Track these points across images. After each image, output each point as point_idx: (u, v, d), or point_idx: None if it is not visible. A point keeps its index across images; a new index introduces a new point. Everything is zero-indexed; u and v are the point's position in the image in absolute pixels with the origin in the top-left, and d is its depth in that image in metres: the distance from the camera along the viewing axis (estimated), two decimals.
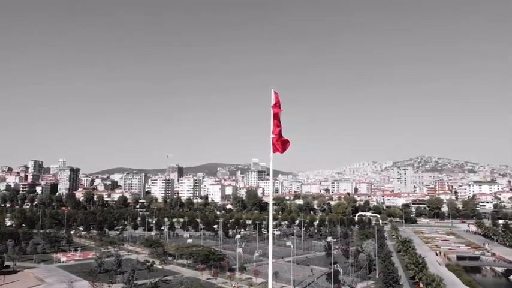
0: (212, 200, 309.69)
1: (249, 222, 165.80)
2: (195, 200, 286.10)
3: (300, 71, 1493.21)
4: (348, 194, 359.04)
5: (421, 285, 76.12)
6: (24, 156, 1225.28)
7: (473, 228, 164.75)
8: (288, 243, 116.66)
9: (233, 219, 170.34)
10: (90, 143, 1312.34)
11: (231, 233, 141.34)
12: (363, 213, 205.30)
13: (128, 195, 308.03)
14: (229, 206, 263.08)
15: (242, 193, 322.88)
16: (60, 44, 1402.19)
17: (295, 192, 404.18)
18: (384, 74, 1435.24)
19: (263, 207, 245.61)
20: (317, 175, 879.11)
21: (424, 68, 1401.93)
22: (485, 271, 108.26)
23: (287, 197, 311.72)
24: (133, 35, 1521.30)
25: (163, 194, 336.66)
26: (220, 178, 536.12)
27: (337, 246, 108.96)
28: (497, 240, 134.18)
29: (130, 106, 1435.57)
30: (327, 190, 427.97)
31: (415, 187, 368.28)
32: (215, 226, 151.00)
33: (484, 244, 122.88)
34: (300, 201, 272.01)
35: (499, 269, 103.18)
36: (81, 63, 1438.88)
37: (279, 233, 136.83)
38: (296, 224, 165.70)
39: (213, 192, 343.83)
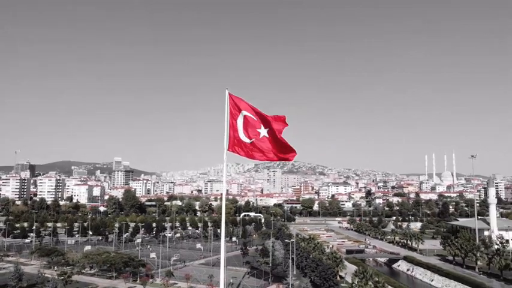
0: (78, 202, 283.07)
1: (132, 225, 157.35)
2: (61, 202, 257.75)
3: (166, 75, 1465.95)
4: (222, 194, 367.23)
5: (338, 277, 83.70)
6: None
7: (345, 224, 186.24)
8: (198, 245, 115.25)
9: (117, 223, 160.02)
10: None
11: (124, 237, 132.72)
12: (247, 213, 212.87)
13: None
14: (102, 208, 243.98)
15: (114, 194, 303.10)
16: None
17: (167, 193, 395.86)
18: (236, 78, 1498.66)
19: (143, 209, 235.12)
20: (182, 175, 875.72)
21: (271, 76, 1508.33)
22: (368, 262, 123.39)
23: (161, 198, 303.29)
24: None
25: (17, 196, 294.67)
26: (79, 178, 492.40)
27: (254, 247, 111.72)
28: (369, 235, 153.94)
29: None
30: (199, 191, 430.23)
31: (282, 188, 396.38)
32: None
33: (365, 239, 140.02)
34: (178, 202, 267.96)
35: (382, 260, 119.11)
36: None
37: (178, 235, 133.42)
38: (189, 225, 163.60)
39: (79, 193, 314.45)
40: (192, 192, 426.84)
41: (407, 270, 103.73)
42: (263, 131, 14.54)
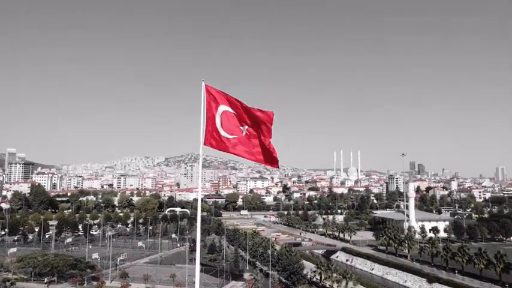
0: None
1: (53, 223, 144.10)
2: None
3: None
4: (137, 189, 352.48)
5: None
6: None
7: (273, 218, 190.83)
8: (140, 243, 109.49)
9: (31, 220, 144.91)
10: None
11: (47, 236, 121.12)
12: (172, 209, 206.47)
13: None
14: (5, 205, 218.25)
15: (15, 189, 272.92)
16: None
17: (76, 187, 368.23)
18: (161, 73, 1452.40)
19: (54, 205, 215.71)
20: (85, 169, 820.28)
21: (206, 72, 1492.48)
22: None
23: (69, 194, 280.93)
24: None
25: None
26: None
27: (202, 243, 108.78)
28: (299, 228, 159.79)
29: None
30: (110, 185, 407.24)
31: None
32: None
33: (300, 233, 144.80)
34: (92, 198, 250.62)
35: (319, 251, 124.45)
36: None
37: (111, 233, 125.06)
38: (118, 223, 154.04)
39: None
40: (102, 187, 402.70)
41: (347, 260, 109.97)
42: (244, 129, 13.79)
